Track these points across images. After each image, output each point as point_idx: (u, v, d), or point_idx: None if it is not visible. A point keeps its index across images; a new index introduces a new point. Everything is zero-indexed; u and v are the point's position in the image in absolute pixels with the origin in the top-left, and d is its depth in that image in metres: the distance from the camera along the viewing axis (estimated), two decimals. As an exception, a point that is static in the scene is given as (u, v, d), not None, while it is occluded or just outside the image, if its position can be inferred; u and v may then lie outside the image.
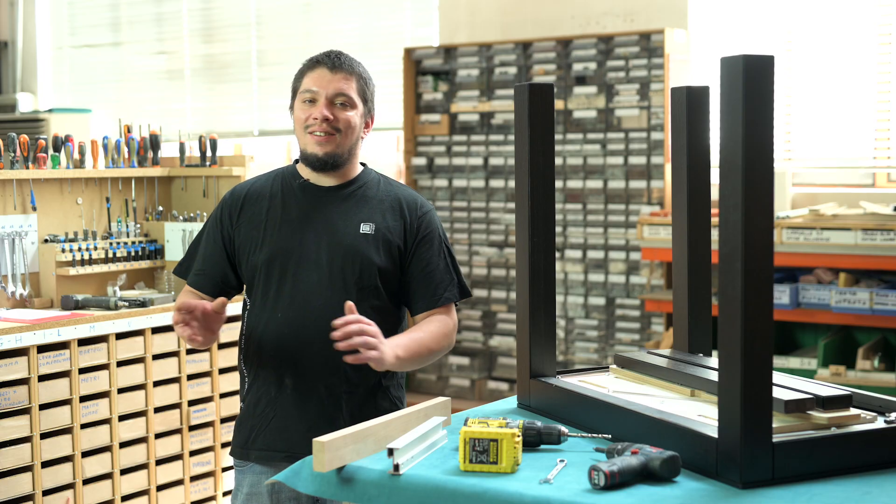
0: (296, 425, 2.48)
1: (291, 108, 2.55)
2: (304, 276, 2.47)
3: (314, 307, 2.46)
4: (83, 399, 3.59)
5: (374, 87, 2.58)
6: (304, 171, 2.55)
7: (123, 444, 3.72)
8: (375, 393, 2.48)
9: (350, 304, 2.29)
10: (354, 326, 2.24)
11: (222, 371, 4.00)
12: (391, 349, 2.33)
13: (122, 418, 3.71)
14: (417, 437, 2.06)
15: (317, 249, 2.47)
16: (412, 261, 2.51)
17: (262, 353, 2.51)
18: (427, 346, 2.46)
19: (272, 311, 2.49)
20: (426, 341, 2.45)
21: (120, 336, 3.69)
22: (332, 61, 2.49)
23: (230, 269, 2.57)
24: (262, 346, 2.51)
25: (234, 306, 2.95)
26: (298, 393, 2.48)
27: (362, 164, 2.61)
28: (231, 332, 3.30)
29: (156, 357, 3.80)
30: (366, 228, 2.48)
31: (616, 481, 1.82)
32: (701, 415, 2.04)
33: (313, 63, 2.51)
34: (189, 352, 3.87)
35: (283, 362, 2.48)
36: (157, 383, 3.81)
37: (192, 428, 3.92)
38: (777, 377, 2.04)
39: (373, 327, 2.27)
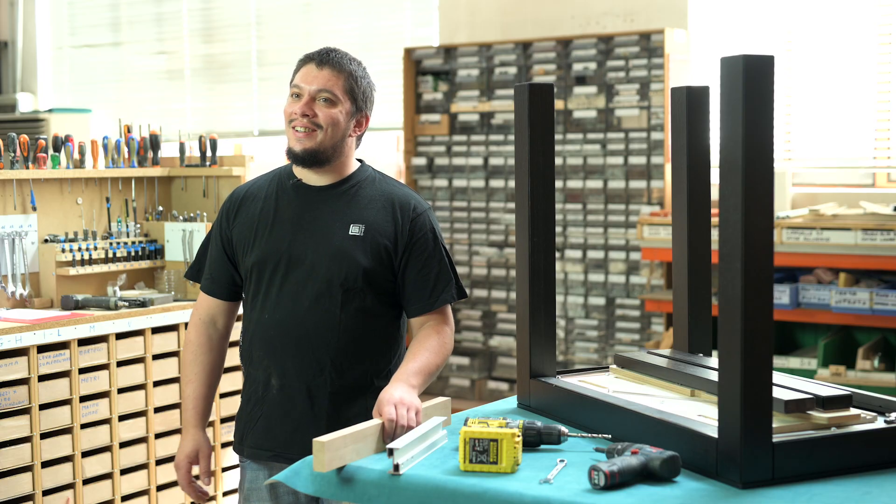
0: (281, 425, 2.49)
1: None
2: (292, 278, 2.47)
3: (300, 309, 2.46)
4: (83, 399, 3.58)
5: (371, 86, 2.53)
6: (298, 170, 2.54)
7: (123, 444, 3.72)
8: (366, 393, 2.47)
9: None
10: (402, 426, 2.20)
11: (223, 371, 4.00)
12: (411, 389, 2.32)
13: (122, 418, 3.71)
14: (417, 437, 2.06)
15: (305, 251, 2.47)
16: (406, 264, 2.49)
17: (253, 352, 2.54)
18: (436, 364, 2.45)
19: (261, 312, 2.50)
20: (433, 360, 2.44)
21: (120, 336, 3.69)
22: (321, 58, 2.47)
23: (235, 272, 2.58)
24: (252, 346, 2.54)
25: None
26: (283, 394, 2.49)
27: (360, 161, 2.59)
28: (233, 332, 3.29)
29: (156, 357, 3.80)
30: (355, 230, 2.46)
31: (616, 481, 1.82)
32: (701, 415, 2.04)
33: (305, 59, 2.50)
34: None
35: (271, 363, 2.50)
36: (157, 383, 3.80)
37: (192, 428, 3.91)
38: (777, 377, 2.04)
39: (411, 412, 2.22)
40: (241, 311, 2.67)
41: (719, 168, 1.84)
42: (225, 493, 4.03)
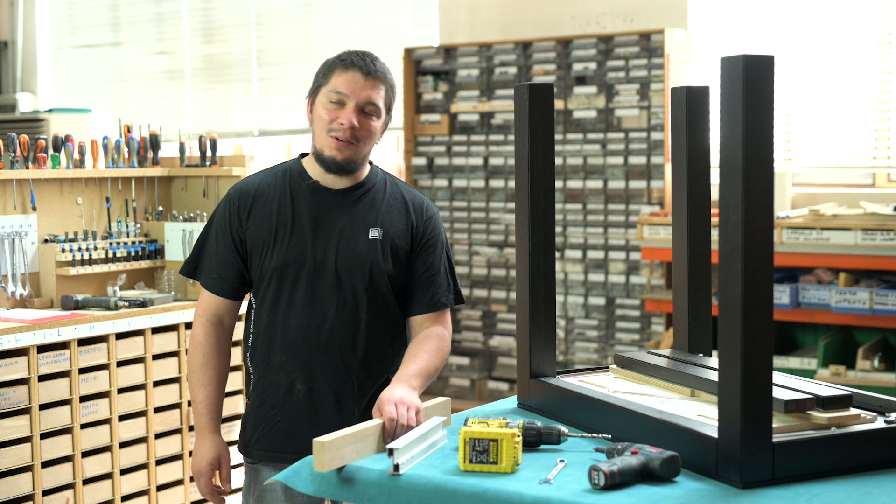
0: (307, 428, 2.48)
1: (311, 101, 2.50)
2: (316, 284, 2.47)
3: (327, 314, 2.46)
4: (83, 399, 3.59)
5: (396, 93, 2.55)
6: (313, 171, 2.52)
7: (123, 444, 3.72)
8: None
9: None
10: (402, 425, 2.20)
11: (222, 371, 4.00)
12: (412, 389, 2.32)
13: (122, 418, 3.71)
14: (417, 437, 2.06)
15: (327, 256, 2.47)
16: (414, 263, 2.52)
17: (272, 357, 2.51)
18: (434, 367, 2.47)
19: (284, 317, 2.48)
20: (432, 363, 2.46)
21: (120, 336, 3.69)
22: (368, 67, 2.44)
23: (245, 270, 2.56)
24: (271, 350, 2.51)
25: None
26: (310, 397, 2.48)
27: (369, 163, 2.60)
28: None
29: (156, 357, 3.80)
30: (374, 234, 2.48)
31: (616, 481, 1.82)
32: (701, 415, 2.04)
33: (347, 64, 2.45)
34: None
35: (295, 367, 2.48)
36: (157, 383, 3.81)
37: (192, 428, 3.91)
38: (777, 377, 2.04)
39: (411, 412, 2.23)
40: (242, 310, 2.66)
41: (719, 168, 1.84)
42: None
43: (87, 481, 3.61)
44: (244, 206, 2.53)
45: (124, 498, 3.74)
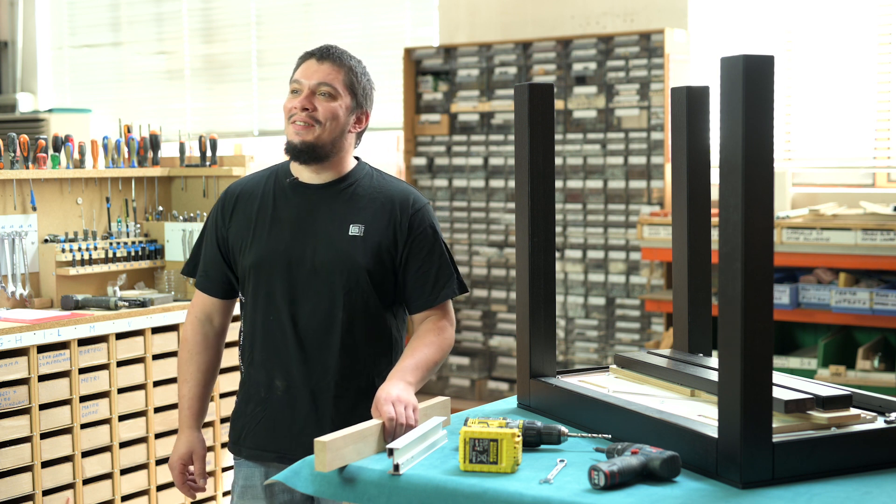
0: (285, 427, 2.48)
1: None
2: (293, 280, 2.46)
3: (303, 311, 2.45)
4: (83, 399, 3.59)
5: (371, 83, 2.53)
6: (295, 168, 2.52)
7: (123, 444, 3.72)
8: (367, 394, 2.46)
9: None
10: (402, 424, 2.20)
11: (222, 371, 3.98)
12: (407, 386, 2.31)
13: (122, 418, 3.71)
14: (417, 437, 2.06)
15: (305, 252, 2.45)
16: (406, 260, 2.47)
17: (254, 354, 2.52)
18: (433, 360, 2.44)
19: (264, 313, 2.49)
20: (431, 356, 2.43)
21: (120, 336, 3.69)
22: (321, 53, 2.47)
23: (229, 270, 2.57)
24: (254, 347, 2.52)
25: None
26: (288, 395, 2.48)
27: (356, 158, 2.58)
28: (232, 332, 3.29)
29: (156, 357, 3.80)
30: (355, 230, 2.45)
31: (616, 481, 1.82)
32: (701, 415, 2.04)
33: (305, 55, 2.50)
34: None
35: (274, 365, 2.48)
36: (157, 383, 3.81)
37: (192, 428, 3.91)
38: (777, 377, 2.04)
39: (409, 410, 2.23)
40: (238, 310, 2.67)
41: (719, 168, 1.84)
42: (226, 493, 4.03)
43: (87, 481, 3.62)
44: (228, 206, 2.57)
45: (124, 498, 3.74)
